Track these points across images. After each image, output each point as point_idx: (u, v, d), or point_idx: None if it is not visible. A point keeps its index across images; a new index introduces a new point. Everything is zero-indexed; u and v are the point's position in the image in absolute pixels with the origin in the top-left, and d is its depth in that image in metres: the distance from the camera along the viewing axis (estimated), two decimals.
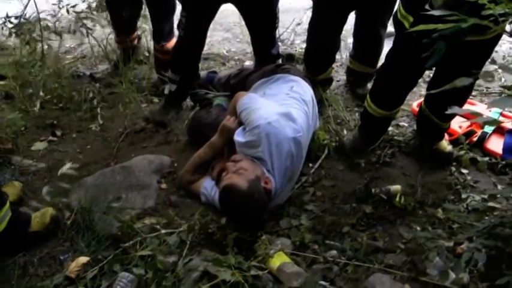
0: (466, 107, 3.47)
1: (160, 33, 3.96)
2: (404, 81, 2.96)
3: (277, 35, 4.78)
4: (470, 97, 3.77)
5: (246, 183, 2.53)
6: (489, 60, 3.29)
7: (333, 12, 3.38)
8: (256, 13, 3.56)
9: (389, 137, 3.33)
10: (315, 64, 3.73)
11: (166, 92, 3.66)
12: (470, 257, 1.73)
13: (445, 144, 3.15)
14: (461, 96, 2.91)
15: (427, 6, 1.58)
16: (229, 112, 3.01)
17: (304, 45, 4.46)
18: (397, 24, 2.72)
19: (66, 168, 2.74)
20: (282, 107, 2.84)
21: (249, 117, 2.73)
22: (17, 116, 3.33)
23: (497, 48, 3.34)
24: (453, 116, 3.02)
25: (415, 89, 3.83)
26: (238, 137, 2.75)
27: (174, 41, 3.88)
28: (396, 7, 2.80)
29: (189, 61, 3.58)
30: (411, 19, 2.58)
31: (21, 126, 3.42)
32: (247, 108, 2.79)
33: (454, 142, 3.25)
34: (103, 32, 4.53)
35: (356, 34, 3.80)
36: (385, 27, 3.67)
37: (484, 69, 2.80)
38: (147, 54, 4.48)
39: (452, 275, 2.15)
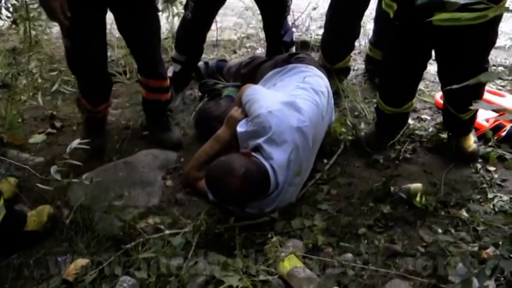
0: (495, 98, 3.43)
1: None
2: (406, 76, 2.94)
3: (291, 21, 4.76)
4: (499, 88, 3.73)
5: (215, 162, 2.60)
6: None
7: None
8: None
9: (410, 131, 3.29)
10: (333, 51, 3.71)
11: (170, 73, 3.66)
12: (495, 264, 1.69)
13: (470, 142, 3.08)
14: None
15: None
16: (236, 104, 3.00)
17: (320, 31, 4.44)
18: (383, 15, 2.70)
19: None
20: (287, 97, 2.83)
21: (251, 107, 2.75)
22: (12, 106, 3.32)
23: None
24: (469, 105, 2.97)
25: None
26: (241, 127, 2.75)
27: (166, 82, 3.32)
28: None
29: (195, 43, 3.62)
30: (395, 7, 2.56)
31: (17, 118, 3.41)
32: (251, 100, 2.80)
33: (481, 137, 3.20)
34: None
35: (378, 20, 3.76)
36: None
37: None
38: None
39: (476, 283, 2.10)
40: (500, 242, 1.95)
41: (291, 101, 2.77)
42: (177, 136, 3.32)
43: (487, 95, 3.45)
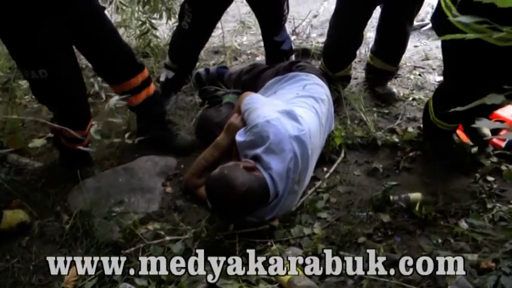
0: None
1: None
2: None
3: (292, 28, 4.77)
4: None
5: (216, 173, 2.53)
6: None
7: (359, 5, 3.38)
8: (261, 2, 3.59)
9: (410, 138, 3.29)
10: (335, 60, 3.72)
11: (162, 79, 3.67)
12: (496, 281, 1.68)
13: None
14: None
15: (454, 12, 1.50)
16: (235, 111, 3.00)
17: (320, 39, 4.45)
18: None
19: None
20: (286, 106, 2.83)
21: (249, 116, 2.74)
22: (13, 110, 3.32)
23: None
24: None
25: None
26: (240, 136, 2.74)
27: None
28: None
29: (191, 54, 3.63)
30: None
31: (17, 122, 3.40)
32: (249, 108, 2.79)
33: None
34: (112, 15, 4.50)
35: (380, 29, 3.76)
36: (412, 23, 3.66)
37: None
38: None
39: None
40: (500, 257, 1.93)
41: (289, 110, 2.77)
42: (188, 138, 3.34)
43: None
